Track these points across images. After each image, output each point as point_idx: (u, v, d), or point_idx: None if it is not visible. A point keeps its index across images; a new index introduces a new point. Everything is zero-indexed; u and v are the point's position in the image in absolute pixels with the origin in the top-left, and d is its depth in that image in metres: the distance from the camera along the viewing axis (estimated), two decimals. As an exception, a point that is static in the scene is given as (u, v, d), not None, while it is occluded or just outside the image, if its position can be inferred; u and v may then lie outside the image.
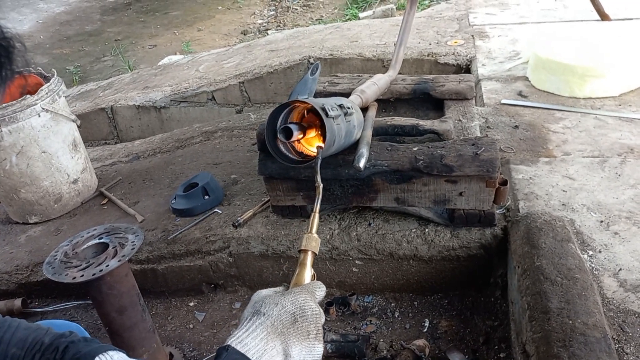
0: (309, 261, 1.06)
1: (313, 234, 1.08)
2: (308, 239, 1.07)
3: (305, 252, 1.07)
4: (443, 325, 2.05)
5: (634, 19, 3.72)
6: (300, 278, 1.05)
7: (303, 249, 1.07)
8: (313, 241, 1.07)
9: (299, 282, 1.04)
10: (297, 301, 0.96)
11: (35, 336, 1.12)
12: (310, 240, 1.07)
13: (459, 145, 1.90)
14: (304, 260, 1.06)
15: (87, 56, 7.01)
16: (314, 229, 1.09)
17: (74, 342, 1.10)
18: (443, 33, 3.98)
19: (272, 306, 0.95)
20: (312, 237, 1.08)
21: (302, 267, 1.06)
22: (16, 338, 1.10)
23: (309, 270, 1.06)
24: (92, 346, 1.08)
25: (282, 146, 1.65)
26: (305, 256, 1.07)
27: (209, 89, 4.09)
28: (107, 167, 3.19)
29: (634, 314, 1.55)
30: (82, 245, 1.85)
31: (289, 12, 7.46)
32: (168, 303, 2.45)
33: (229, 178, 2.67)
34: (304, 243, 1.07)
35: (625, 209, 1.95)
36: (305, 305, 0.96)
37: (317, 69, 1.84)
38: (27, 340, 1.10)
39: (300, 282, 1.04)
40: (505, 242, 1.99)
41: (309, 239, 1.07)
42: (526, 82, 3.05)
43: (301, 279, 1.05)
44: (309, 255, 1.07)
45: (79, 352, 1.07)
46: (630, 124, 2.51)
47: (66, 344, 1.10)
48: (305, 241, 1.07)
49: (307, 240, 1.07)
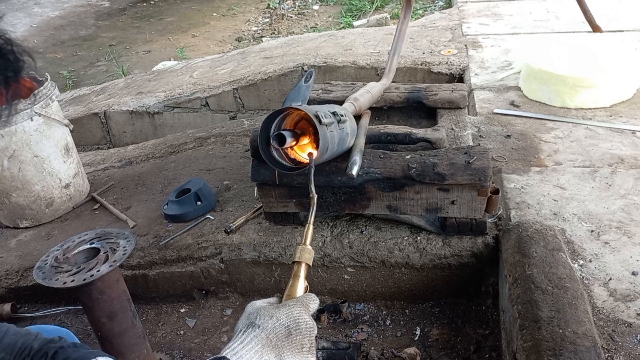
0: (303, 273, 1.06)
1: (307, 245, 1.08)
2: (302, 251, 1.07)
3: (299, 264, 1.07)
4: (434, 334, 2.06)
5: (625, 31, 3.76)
6: (293, 290, 1.04)
7: (297, 260, 1.07)
8: (307, 253, 1.07)
9: (292, 294, 1.04)
10: (292, 314, 0.96)
11: (24, 341, 1.11)
12: (304, 252, 1.07)
13: (452, 153, 1.91)
14: (297, 272, 1.06)
15: (81, 61, 6.99)
16: (308, 240, 1.09)
17: (63, 347, 1.10)
18: (437, 42, 4.01)
19: (267, 318, 0.95)
20: (305, 249, 1.08)
21: (296, 278, 1.06)
22: (4, 343, 1.09)
23: (302, 282, 1.06)
24: (81, 352, 1.08)
25: (276, 153, 1.65)
26: (299, 268, 1.07)
27: (203, 95, 4.09)
28: (99, 172, 3.18)
29: (623, 323, 1.56)
30: (73, 250, 1.84)
31: (283, 19, 7.48)
32: (159, 309, 2.43)
33: (222, 184, 2.67)
34: (297, 255, 1.07)
35: (615, 218, 1.97)
36: (300, 319, 0.96)
37: (310, 77, 1.84)
38: (15, 345, 1.10)
39: (294, 293, 1.04)
40: (496, 250, 1.99)
41: (302, 250, 1.07)
42: (518, 92, 3.07)
43: (294, 290, 1.04)
44: (303, 267, 1.07)
45: (68, 357, 1.07)
46: (620, 134, 2.54)
47: (55, 349, 1.09)
48: (299, 253, 1.07)
49: (301, 252, 1.07)
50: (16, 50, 0.82)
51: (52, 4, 9.33)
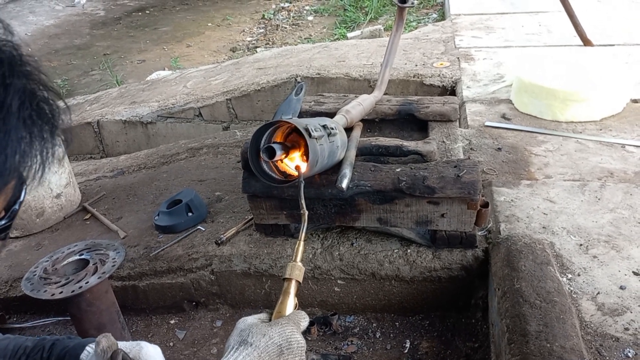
0: (293, 290, 1.07)
1: (297, 262, 1.09)
2: (292, 268, 1.08)
3: (289, 280, 1.08)
4: (424, 347, 2.06)
5: (616, 45, 3.80)
6: (283, 306, 1.06)
7: (287, 277, 1.08)
8: (297, 270, 1.08)
9: (282, 311, 1.05)
10: (285, 333, 0.97)
11: (15, 343, 1.12)
12: (294, 269, 1.08)
13: (441, 167, 1.92)
14: (287, 289, 1.07)
15: (75, 70, 6.99)
16: (299, 257, 1.10)
17: (59, 339, 1.12)
18: (429, 55, 4.03)
19: (259, 337, 0.96)
20: (296, 266, 1.08)
21: (286, 295, 1.07)
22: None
23: (293, 299, 1.07)
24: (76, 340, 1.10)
25: (266, 165, 1.66)
26: (289, 285, 1.07)
27: (196, 105, 4.10)
28: (91, 182, 3.18)
29: (611, 338, 1.57)
30: (62, 262, 1.84)
31: (278, 30, 7.52)
32: (149, 320, 2.42)
33: (214, 195, 2.67)
34: (288, 272, 1.08)
35: (604, 232, 1.98)
36: (292, 338, 0.97)
37: (301, 90, 1.85)
38: (8, 348, 1.11)
39: (284, 310, 1.05)
40: (486, 263, 2.00)
41: (293, 267, 1.08)
42: (510, 105, 3.09)
43: (284, 307, 1.06)
44: (293, 284, 1.08)
45: (67, 346, 1.09)
46: (610, 148, 2.55)
47: (52, 341, 1.11)
48: (289, 270, 1.08)
49: (291, 269, 1.08)
50: (49, 98, 0.68)
51: (47, 13, 9.34)
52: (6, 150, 0.59)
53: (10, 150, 0.60)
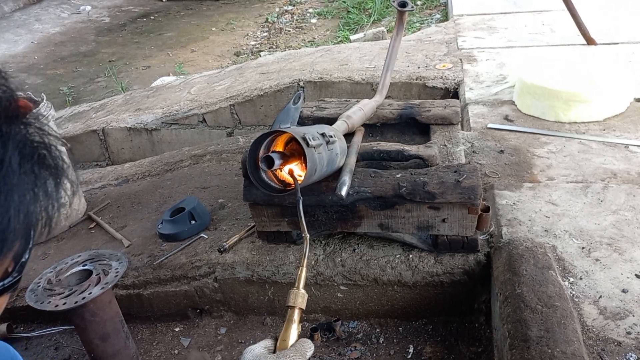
0: (297, 317, 1.08)
1: (300, 290, 1.10)
2: (295, 296, 1.09)
3: (292, 308, 1.09)
4: (427, 352, 2.05)
5: (620, 44, 3.78)
6: (287, 334, 1.07)
7: (291, 305, 1.09)
8: (300, 297, 1.09)
9: (287, 338, 1.06)
10: None
11: None
12: (297, 297, 1.09)
13: (442, 172, 1.92)
14: (291, 317, 1.08)
15: (81, 77, 7.03)
16: (301, 284, 1.11)
17: None
18: (432, 56, 4.03)
19: None
20: (299, 294, 1.09)
21: (290, 323, 1.08)
22: None
23: (297, 326, 1.08)
24: None
25: (265, 174, 1.66)
26: (293, 312, 1.08)
27: (200, 112, 4.11)
28: (96, 190, 3.20)
29: (613, 342, 1.56)
30: (65, 272, 1.86)
31: (281, 33, 7.53)
32: (154, 328, 2.44)
33: (217, 202, 2.68)
34: (291, 300, 1.09)
35: (606, 235, 1.97)
36: None
37: (299, 99, 1.86)
38: None
39: (288, 338, 1.06)
40: (488, 268, 2.00)
41: (296, 295, 1.09)
42: (512, 107, 3.08)
43: (289, 335, 1.07)
44: (297, 312, 1.09)
45: None
46: (613, 148, 2.54)
47: None
48: (292, 297, 1.09)
49: (294, 297, 1.09)
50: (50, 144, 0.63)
51: (53, 20, 9.40)
52: (9, 212, 0.54)
53: (13, 212, 0.54)
